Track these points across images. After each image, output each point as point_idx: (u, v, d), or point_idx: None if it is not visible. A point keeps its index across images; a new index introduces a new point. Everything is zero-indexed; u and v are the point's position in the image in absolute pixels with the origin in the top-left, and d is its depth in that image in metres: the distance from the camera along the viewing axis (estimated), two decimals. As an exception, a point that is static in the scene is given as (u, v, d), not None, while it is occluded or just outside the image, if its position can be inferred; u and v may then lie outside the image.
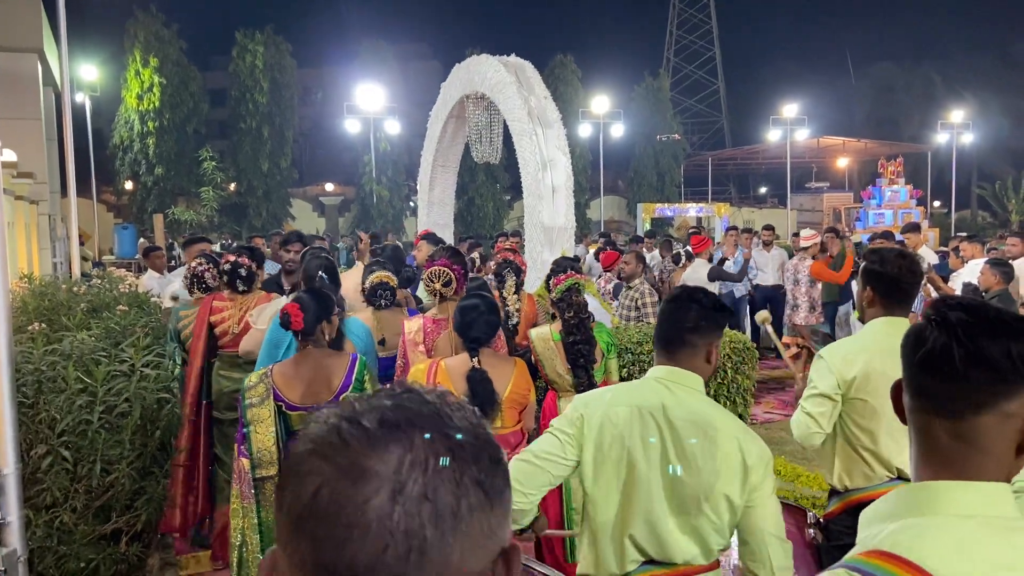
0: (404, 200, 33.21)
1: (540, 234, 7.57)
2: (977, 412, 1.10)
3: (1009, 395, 1.08)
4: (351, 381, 3.23)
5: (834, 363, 2.72)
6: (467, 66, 9.46)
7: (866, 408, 2.68)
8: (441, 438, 0.62)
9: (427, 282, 3.97)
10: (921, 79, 43.72)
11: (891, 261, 2.76)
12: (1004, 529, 1.06)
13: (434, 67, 41.15)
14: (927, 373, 1.15)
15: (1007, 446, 1.10)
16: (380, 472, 0.59)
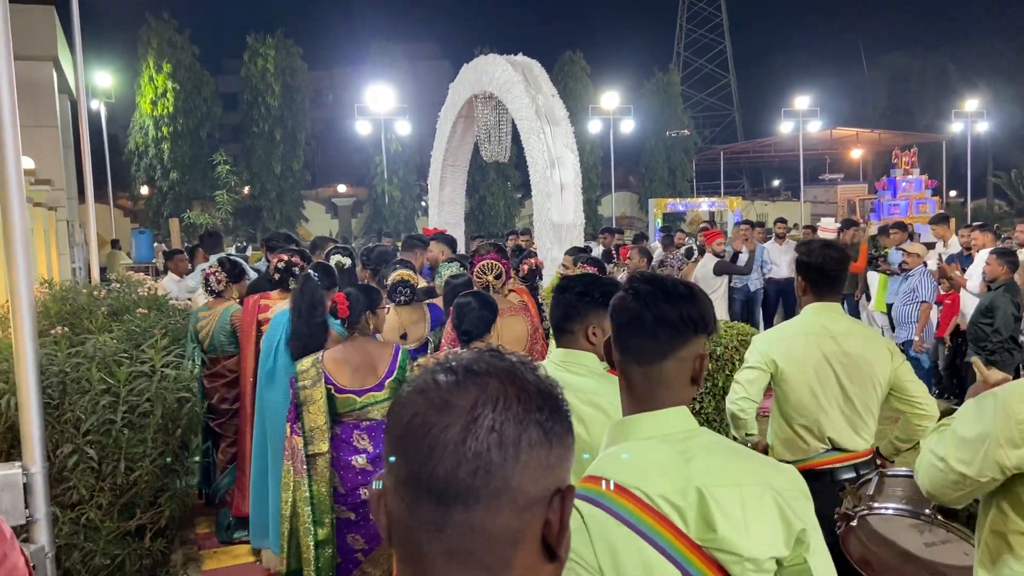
0: (416, 200, 33.33)
1: (549, 231, 7.64)
2: (663, 359, 1.46)
3: (683, 344, 1.46)
4: (395, 368, 3.60)
5: (761, 345, 3.04)
6: (475, 66, 9.53)
7: (793, 385, 2.93)
8: (511, 385, 0.77)
9: (479, 275, 4.12)
10: (935, 68, 43.37)
11: (817, 252, 2.99)
12: (671, 442, 1.42)
13: (443, 67, 41.23)
14: (627, 332, 1.49)
15: (684, 380, 1.48)
16: (460, 406, 0.75)
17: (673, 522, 1.33)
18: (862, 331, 3.04)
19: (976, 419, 1.85)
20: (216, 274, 4.91)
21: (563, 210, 7.53)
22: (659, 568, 1.30)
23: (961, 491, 1.88)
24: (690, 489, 1.34)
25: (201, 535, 4.98)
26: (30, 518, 3.02)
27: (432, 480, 0.73)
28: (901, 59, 45.86)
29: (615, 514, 1.33)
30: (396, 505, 0.76)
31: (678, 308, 1.46)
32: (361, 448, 3.58)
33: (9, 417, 3.41)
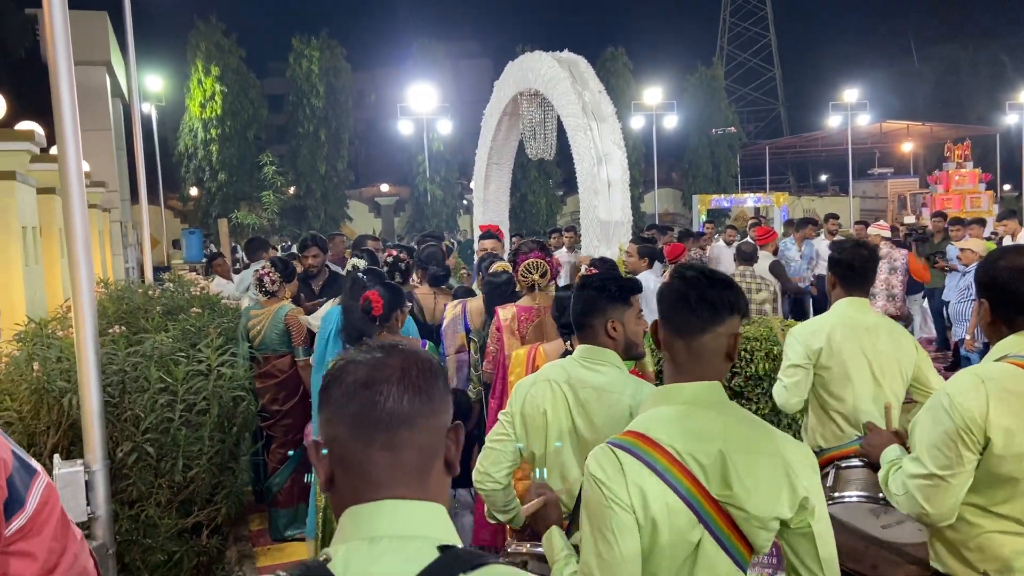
0: (457, 198, 33.45)
1: (597, 229, 7.57)
2: (702, 333, 1.69)
3: (720, 322, 1.69)
4: None
5: (802, 337, 3.17)
6: (520, 63, 9.50)
7: (832, 375, 3.09)
8: (417, 356, 1.15)
9: (524, 273, 4.14)
10: (987, 59, 42.12)
11: (847, 250, 3.20)
12: (706, 408, 1.67)
13: (485, 65, 41.31)
14: (674, 309, 1.73)
15: (720, 356, 1.71)
16: (392, 365, 1.12)
17: (696, 476, 1.59)
18: (888, 325, 3.19)
19: (936, 424, 2.08)
20: (270, 274, 4.96)
21: (611, 207, 7.46)
22: (679, 511, 1.58)
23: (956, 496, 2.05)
24: (714, 451, 1.60)
25: (255, 532, 5.04)
26: (92, 515, 3.07)
27: (382, 413, 1.08)
28: (952, 50, 44.63)
29: (648, 464, 1.59)
30: (346, 443, 1.09)
31: (717, 291, 1.70)
32: None
33: (71, 415, 3.48)
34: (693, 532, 1.58)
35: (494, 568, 1.05)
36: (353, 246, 6.88)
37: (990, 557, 2.07)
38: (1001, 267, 2.15)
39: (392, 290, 3.74)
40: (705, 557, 1.59)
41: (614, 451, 1.62)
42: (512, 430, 2.50)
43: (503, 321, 4.07)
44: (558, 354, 3.36)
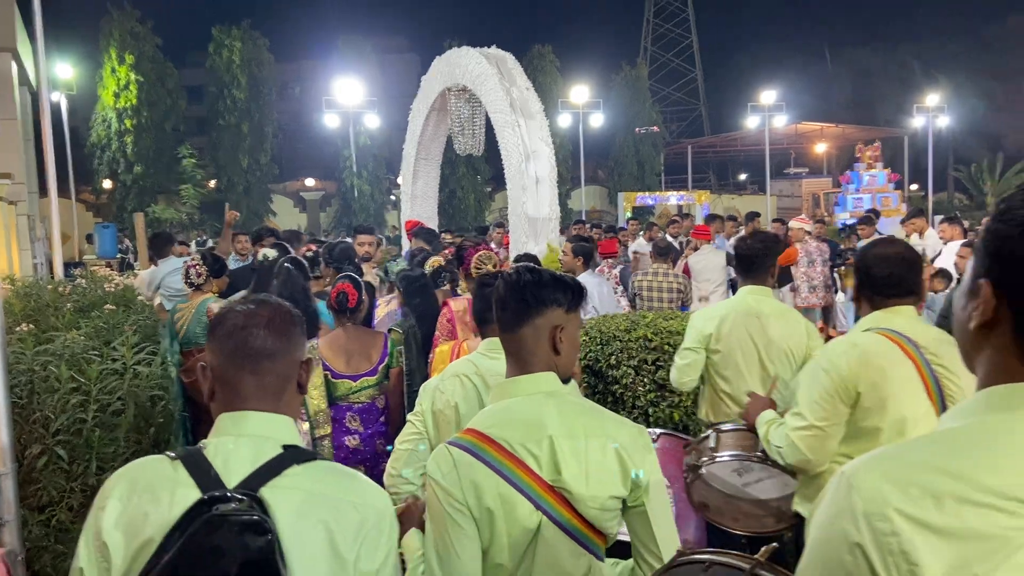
0: (385, 194, 33.13)
1: (525, 225, 7.62)
2: (520, 327, 1.80)
3: (534, 315, 1.79)
4: (387, 354, 3.91)
5: (697, 323, 3.46)
6: (448, 59, 9.47)
7: (721, 358, 3.36)
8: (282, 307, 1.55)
9: (478, 265, 4.20)
10: (897, 63, 44.09)
11: (745, 243, 3.49)
12: (534, 398, 1.77)
13: (412, 60, 41.04)
14: (496, 308, 1.86)
15: (545, 347, 1.81)
16: (261, 314, 1.50)
17: (528, 465, 1.68)
18: (783, 313, 3.45)
19: (816, 384, 2.42)
20: (197, 267, 4.86)
21: (539, 203, 7.52)
22: (512, 500, 1.66)
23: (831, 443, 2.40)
24: (544, 439, 1.69)
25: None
26: (0, 521, 2.94)
27: (251, 348, 1.47)
28: (864, 55, 46.53)
29: (480, 458, 1.68)
30: (230, 364, 1.47)
31: (528, 287, 1.81)
32: (353, 429, 3.81)
33: (-25, 418, 3.30)
34: (531, 519, 1.66)
35: (320, 463, 1.46)
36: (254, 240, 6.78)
37: None
38: (868, 254, 2.55)
39: (357, 282, 3.90)
40: (545, 542, 1.67)
41: (449, 451, 1.71)
42: (424, 428, 2.53)
43: (456, 312, 4.07)
44: None
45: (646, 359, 4.60)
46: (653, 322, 4.84)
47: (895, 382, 2.36)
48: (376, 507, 1.46)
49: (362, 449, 3.81)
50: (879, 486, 0.95)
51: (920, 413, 2.37)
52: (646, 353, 4.61)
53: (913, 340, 2.39)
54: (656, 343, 4.60)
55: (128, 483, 1.41)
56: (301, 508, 1.37)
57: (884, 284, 2.48)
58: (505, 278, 1.86)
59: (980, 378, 1.06)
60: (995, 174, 36.16)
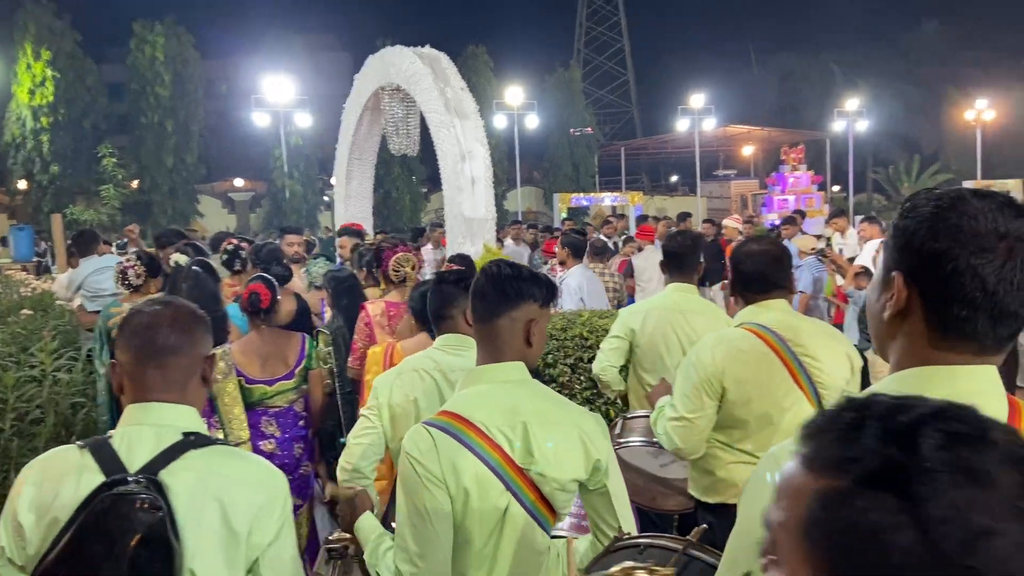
0: (318, 194, 32.60)
1: (461, 225, 7.59)
2: (497, 318, 1.88)
3: (512, 308, 1.87)
4: (304, 357, 3.79)
5: (623, 316, 3.59)
6: (381, 57, 9.37)
7: (644, 351, 3.46)
8: (187, 307, 1.71)
9: (396, 267, 4.11)
10: (819, 68, 45.54)
11: (673, 240, 3.60)
12: (510, 385, 1.86)
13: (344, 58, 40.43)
14: (475, 298, 1.93)
15: (518, 338, 1.89)
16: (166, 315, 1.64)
17: (503, 448, 1.77)
18: (707, 309, 3.59)
19: (686, 378, 2.57)
20: (135, 267, 4.64)
21: (475, 204, 7.50)
22: (488, 481, 1.75)
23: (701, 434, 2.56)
24: (518, 424, 1.79)
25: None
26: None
27: (156, 346, 1.61)
28: (788, 60, 47.92)
29: (460, 439, 1.76)
30: (136, 360, 1.61)
31: (509, 280, 1.89)
32: (269, 434, 3.71)
33: None
34: (501, 499, 1.77)
35: (218, 448, 1.62)
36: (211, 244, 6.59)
37: (730, 483, 2.57)
38: (741, 252, 2.68)
39: (271, 283, 3.77)
40: (512, 521, 1.78)
41: (428, 430, 1.78)
42: (379, 422, 2.54)
43: (372, 316, 4.02)
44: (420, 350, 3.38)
45: (582, 357, 4.64)
46: (589, 320, 4.88)
47: (760, 376, 2.49)
48: (269, 485, 1.62)
49: (279, 454, 3.71)
50: None
51: (788, 403, 2.50)
52: (582, 351, 4.65)
53: (779, 334, 2.51)
54: (592, 341, 4.64)
55: (40, 470, 1.57)
56: (196, 488, 1.52)
57: (752, 280, 2.60)
58: (486, 271, 1.94)
59: (893, 363, 1.15)
60: (912, 175, 37.76)
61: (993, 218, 1.05)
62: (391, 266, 4.14)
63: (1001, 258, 1.05)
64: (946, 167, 37.26)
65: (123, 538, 1.42)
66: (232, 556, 1.53)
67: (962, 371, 1.09)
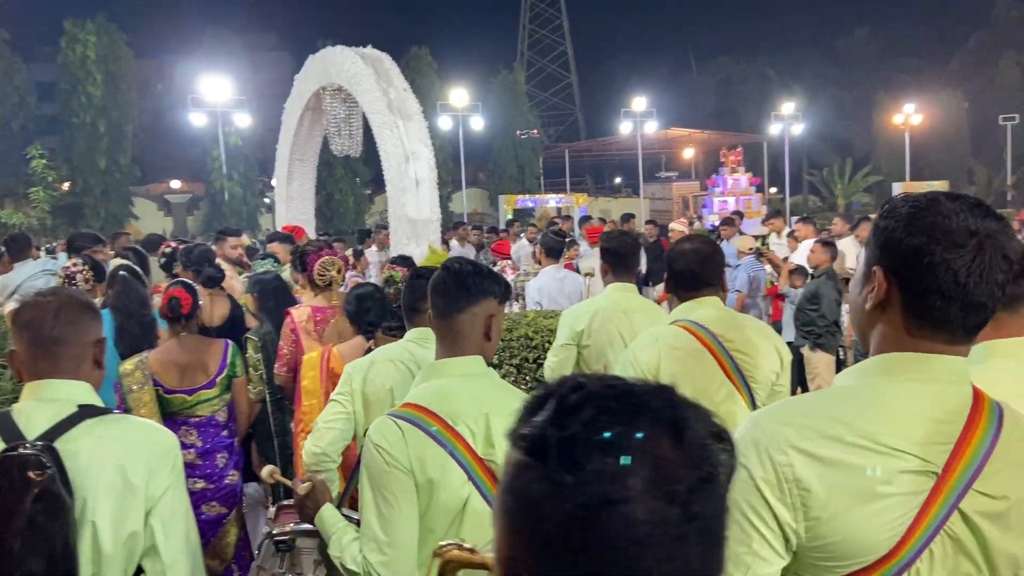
0: (258, 196, 31.99)
1: (406, 227, 7.55)
2: (459, 312, 1.95)
3: (473, 303, 1.95)
4: (226, 365, 3.68)
5: (569, 319, 3.57)
6: (322, 57, 9.26)
7: (591, 353, 3.47)
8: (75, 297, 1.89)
9: (321, 271, 4.01)
10: (756, 73, 46.63)
11: (615, 239, 3.60)
12: (470, 378, 1.93)
13: (284, 58, 39.78)
14: (436, 294, 2.00)
15: (478, 333, 1.96)
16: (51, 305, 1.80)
17: (466, 439, 1.83)
18: (649, 308, 3.62)
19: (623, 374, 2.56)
20: (83, 272, 4.47)
21: (419, 205, 7.47)
22: (452, 470, 1.81)
23: None
24: (480, 415, 1.85)
25: None
26: None
27: (45, 337, 1.76)
28: (726, 64, 48.96)
29: (427, 431, 1.81)
30: (29, 350, 1.78)
31: (471, 277, 1.97)
32: (189, 444, 3.58)
33: None
34: (463, 490, 1.83)
35: (113, 415, 1.82)
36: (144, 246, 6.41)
37: None
38: (674, 251, 2.77)
39: (191, 287, 3.67)
40: (472, 511, 1.84)
41: (396, 422, 1.83)
42: (351, 407, 2.63)
43: (298, 322, 3.96)
44: (358, 354, 3.32)
45: (527, 357, 4.66)
46: (534, 321, 4.91)
47: (693, 371, 2.59)
48: (161, 443, 1.85)
49: (200, 464, 3.57)
50: (779, 428, 1.21)
51: (721, 397, 2.59)
52: (527, 351, 4.68)
53: (711, 330, 2.61)
54: (537, 341, 4.67)
55: None
56: (94, 451, 1.72)
57: (684, 278, 2.69)
58: (448, 268, 2.02)
59: (872, 350, 1.28)
60: (844, 177, 38.91)
61: (964, 217, 1.17)
62: (316, 270, 4.07)
63: (972, 253, 1.16)
64: (877, 169, 38.49)
65: (19, 496, 1.61)
66: (130, 506, 1.74)
67: (933, 359, 1.21)
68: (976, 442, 1.18)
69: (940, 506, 1.16)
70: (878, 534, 1.15)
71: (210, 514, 3.59)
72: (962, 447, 1.17)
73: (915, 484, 1.16)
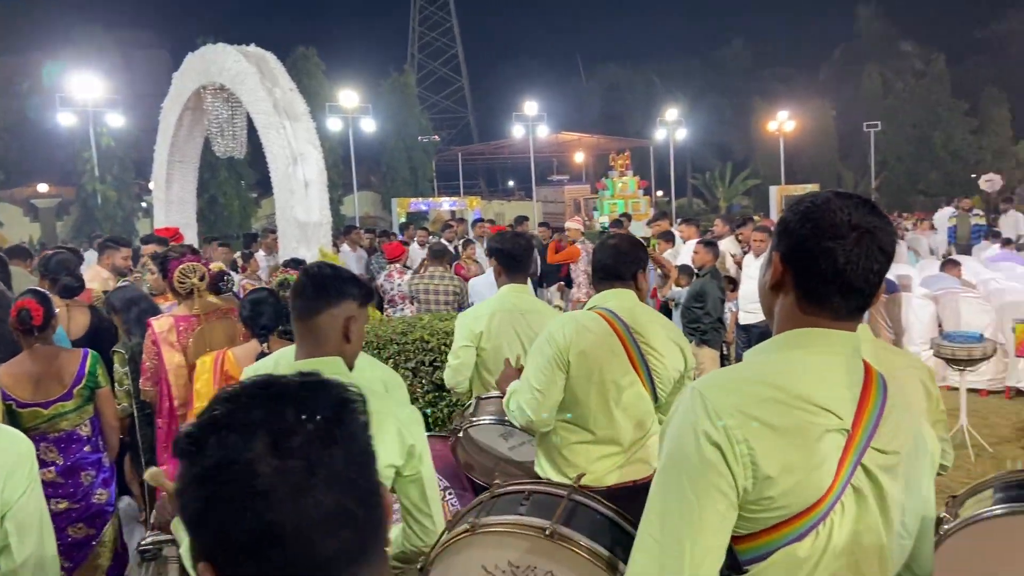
0: (135, 200, 30.37)
1: (295, 230, 7.33)
2: (317, 314, 2.01)
3: (331, 305, 2.01)
4: (84, 374, 3.51)
5: (466, 322, 3.60)
6: (202, 55, 8.88)
7: (489, 355, 3.53)
8: None
9: (181, 279, 3.83)
10: (642, 79, 48.12)
11: (508, 240, 3.65)
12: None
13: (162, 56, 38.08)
14: (296, 296, 2.05)
15: (337, 335, 2.02)
16: None
17: None
18: (543, 309, 3.69)
19: (541, 353, 2.76)
20: None
21: (308, 207, 7.26)
22: None
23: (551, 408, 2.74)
24: None
25: None
26: None
27: None
28: (613, 70, 50.31)
29: None
30: None
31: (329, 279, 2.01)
32: (49, 461, 3.39)
33: None
34: None
35: None
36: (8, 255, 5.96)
37: (572, 462, 2.76)
38: (599, 244, 2.97)
39: (44, 297, 3.47)
40: None
41: None
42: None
43: (159, 333, 3.78)
44: (252, 358, 3.30)
45: (423, 360, 4.61)
46: (429, 324, 4.86)
47: (601, 352, 2.73)
48: (15, 449, 1.89)
49: (61, 483, 3.39)
50: (724, 396, 1.32)
51: (625, 383, 2.74)
52: (423, 355, 4.63)
53: (623, 319, 2.77)
54: (433, 344, 4.62)
55: None
56: None
57: (598, 269, 2.91)
58: (307, 271, 2.07)
59: (775, 326, 1.44)
60: (726, 181, 40.65)
61: (848, 213, 1.33)
62: (176, 277, 3.90)
63: (851, 244, 1.32)
64: (755, 173, 40.37)
65: None
66: None
67: (832, 334, 1.37)
68: (871, 405, 1.35)
69: (850, 461, 1.31)
70: (810, 487, 1.28)
71: (76, 536, 3.36)
72: (862, 409, 1.34)
73: (836, 441, 1.31)
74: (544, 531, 1.84)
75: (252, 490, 0.77)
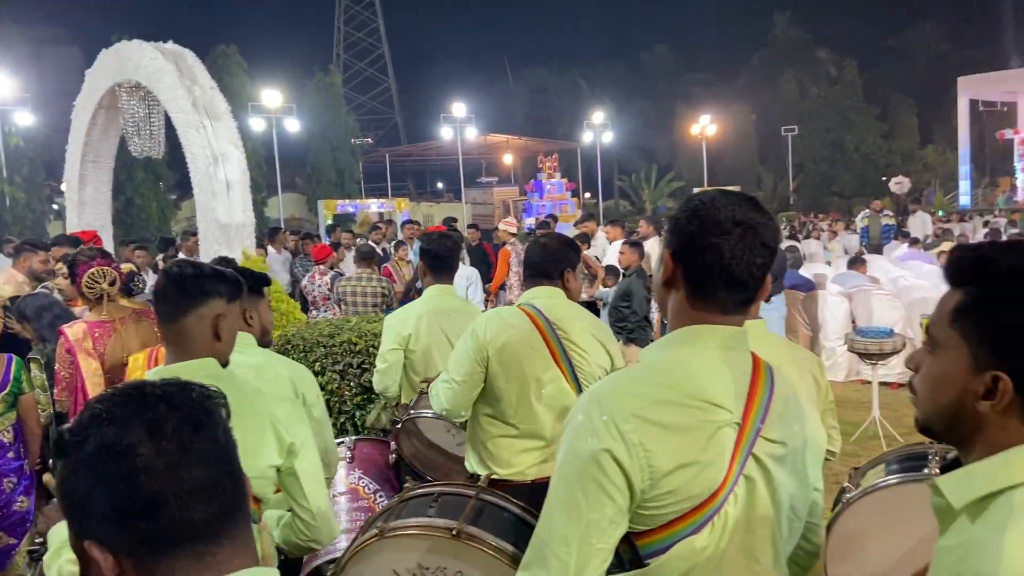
0: (45, 202, 29.04)
1: (217, 232, 7.14)
2: (184, 316, 1.96)
3: (197, 305, 1.96)
4: (9, 379, 3.42)
5: (394, 324, 3.57)
6: (117, 52, 8.56)
7: (417, 356, 3.52)
8: None
9: (90, 283, 3.67)
10: (569, 83, 48.62)
11: (435, 241, 3.65)
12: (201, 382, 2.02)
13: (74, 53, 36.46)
14: (158, 300, 2.00)
15: (207, 335, 1.98)
16: None
17: None
18: (468, 308, 3.72)
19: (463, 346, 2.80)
20: None
21: (231, 209, 7.07)
22: None
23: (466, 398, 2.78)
24: None
25: None
26: None
27: None
28: (540, 73, 50.69)
29: None
30: None
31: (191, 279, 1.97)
32: None
33: None
34: None
35: None
36: None
37: (496, 456, 2.79)
38: (530, 242, 3.03)
39: None
40: None
41: None
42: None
43: (73, 341, 3.64)
44: None
45: (351, 363, 4.56)
46: (357, 326, 4.81)
47: (522, 348, 2.75)
48: None
49: None
50: (619, 400, 1.34)
51: (547, 378, 2.77)
52: (351, 357, 4.58)
53: (547, 316, 2.80)
54: (361, 346, 4.58)
55: None
56: None
57: (527, 266, 2.96)
58: (167, 272, 2.01)
59: (669, 322, 1.47)
60: (651, 183, 41.42)
61: (733, 210, 1.38)
62: (84, 282, 3.75)
63: (735, 239, 1.36)
64: (679, 176, 41.25)
65: None
66: None
67: (720, 329, 1.41)
68: (759, 396, 1.40)
69: (742, 452, 1.36)
70: (705, 482, 1.32)
71: None
72: (751, 401, 1.39)
73: (728, 435, 1.35)
74: (451, 531, 1.87)
75: (134, 467, 0.91)
